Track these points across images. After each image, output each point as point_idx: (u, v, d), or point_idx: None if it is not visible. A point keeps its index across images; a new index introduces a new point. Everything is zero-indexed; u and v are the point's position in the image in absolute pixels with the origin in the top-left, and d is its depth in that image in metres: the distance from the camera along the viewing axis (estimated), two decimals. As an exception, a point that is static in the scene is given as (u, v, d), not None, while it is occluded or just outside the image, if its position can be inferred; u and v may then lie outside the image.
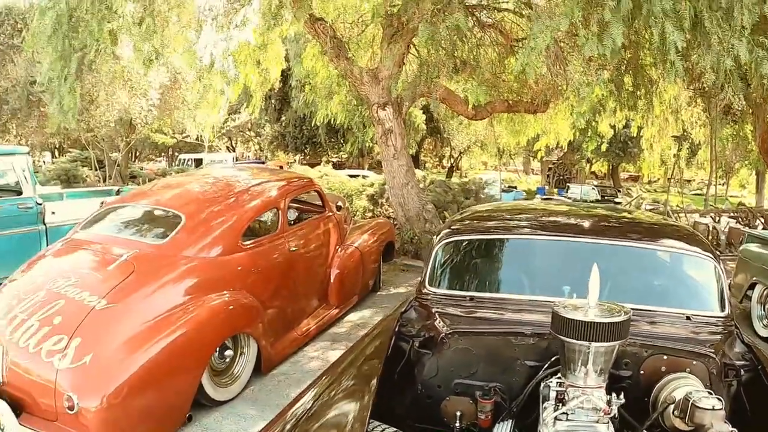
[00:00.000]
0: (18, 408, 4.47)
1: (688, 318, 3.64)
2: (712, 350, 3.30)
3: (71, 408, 4.20)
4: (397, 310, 4.21)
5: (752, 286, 8.27)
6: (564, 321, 2.71)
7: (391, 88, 10.52)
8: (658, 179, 52.51)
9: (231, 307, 5.44)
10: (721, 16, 6.78)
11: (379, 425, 2.89)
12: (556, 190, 41.94)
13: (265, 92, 14.08)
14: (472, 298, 3.98)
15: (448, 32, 8.65)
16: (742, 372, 3.34)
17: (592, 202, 28.34)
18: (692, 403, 2.74)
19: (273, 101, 36.19)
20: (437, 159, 51.82)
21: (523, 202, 12.50)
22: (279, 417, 2.98)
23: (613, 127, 15.95)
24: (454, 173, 43.77)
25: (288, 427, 2.83)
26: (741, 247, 9.26)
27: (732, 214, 16.80)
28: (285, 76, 22.86)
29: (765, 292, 8.04)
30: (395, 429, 2.93)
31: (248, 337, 5.67)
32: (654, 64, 9.83)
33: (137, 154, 45.59)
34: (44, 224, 9.23)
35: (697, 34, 7.03)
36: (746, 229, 13.63)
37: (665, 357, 3.22)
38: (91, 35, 8.69)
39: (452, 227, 4.58)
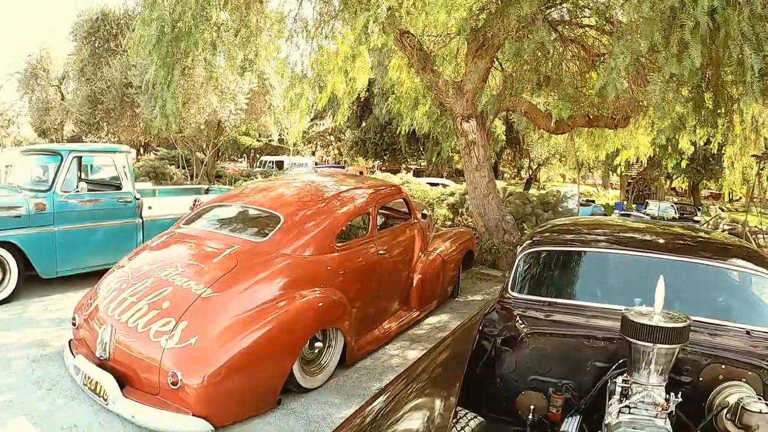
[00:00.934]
0: (122, 381, 4.93)
1: (748, 333, 3.82)
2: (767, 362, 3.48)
3: (175, 383, 4.62)
4: (480, 312, 4.48)
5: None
6: (632, 324, 3.04)
7: (476, 102, 10.75)
8: (741, 198, 51.18)
9: (321, 303, 5.77)
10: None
11: (463, 410, 3.17)
12: (634, 206, 41.31)
13: (351, 100, 14.40)
14: (550, 304, 4.28)
15: (533, 48, 8.85)
16: None
17: (669, 220, 27.92)
18: (742, 407, 2.97)
19: (354, 107, 36.50)
20: (516, 170, 51.57)
21: (600, 217, 12.57)
22: (373, 399, 3.29)
23: (693, 144, 15.81)
24: (532, 185, 43.55)
25: (380, 407, 3.15)
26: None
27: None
28: (368, 83, 23.22)
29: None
30: (477, 415, 3.20)
31: (336, 331, 6.01)
32: (734, 82, 9.82)
33: (219, 154, 46.75)
34: (141, 218, 9.85)
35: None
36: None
37: (723, 366, 3.42)
38: (195, 45, 9.18)
39: (534, 239, 4.89)
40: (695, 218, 30.64)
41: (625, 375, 3.21)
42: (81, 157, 9.56)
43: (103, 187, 10.07)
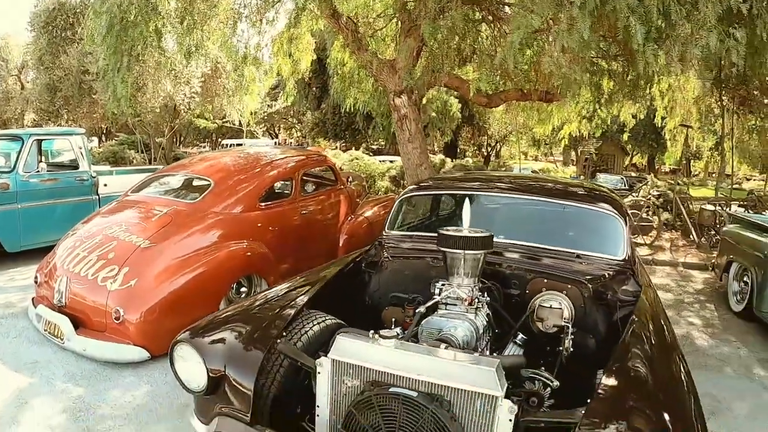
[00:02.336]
0: (76, 324, 5.91)
1: (578, 256, 4.50)
2: (587, 279, 4.15)
3: (117, 319, 5.60)
4: (362, 249, 5.34)
5: (730, 264, 8.76)
6: (445, 237, 3.80)
7: (404, 78, 11.50)
8: (699, 173, 52.56)
9: (248, 253, 6.74)
10: (688, 10, 7.22)
11: (320, 314, 3.81)
12: (589, 180, 42.10)
13: (297, 81, 14.99)
14: (412, 237, 5.19)
15: (448, 28, 9.59)
16: (619, 303, 4.09)
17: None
18: (539, 304, 3.86)
19: (313, 89, 36.96)
20: (476, 148, 52.12)
21: (483, 172, 13.25)
22: (274, 287, 4.22)
23: (635, 116, 16.45)
24: (491, 162, 44.25)
25: (273, 295, 4.03)
26: (723, 228, 9.80)
27: (741, 203, 17.05)
28: (324, 65, 23.61)
29: (740, 269, 8.43)
30: (336, 318, 3.85)
31: (260, 279, 6.91)
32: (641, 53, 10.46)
33: (182, 139, 47.05)
34: (98, 195, 10.71)
35: (666, 26, 7.49)
36: (731, 211, 13.88)
37: (545, 280, 4.15)
38: (140, 34, 9.89)
39: (411, 186, 5.83)
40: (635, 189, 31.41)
41: (444, 279, 3.95)
42: (41, 140, 10.33)
43: (62, 168, 10.84)
